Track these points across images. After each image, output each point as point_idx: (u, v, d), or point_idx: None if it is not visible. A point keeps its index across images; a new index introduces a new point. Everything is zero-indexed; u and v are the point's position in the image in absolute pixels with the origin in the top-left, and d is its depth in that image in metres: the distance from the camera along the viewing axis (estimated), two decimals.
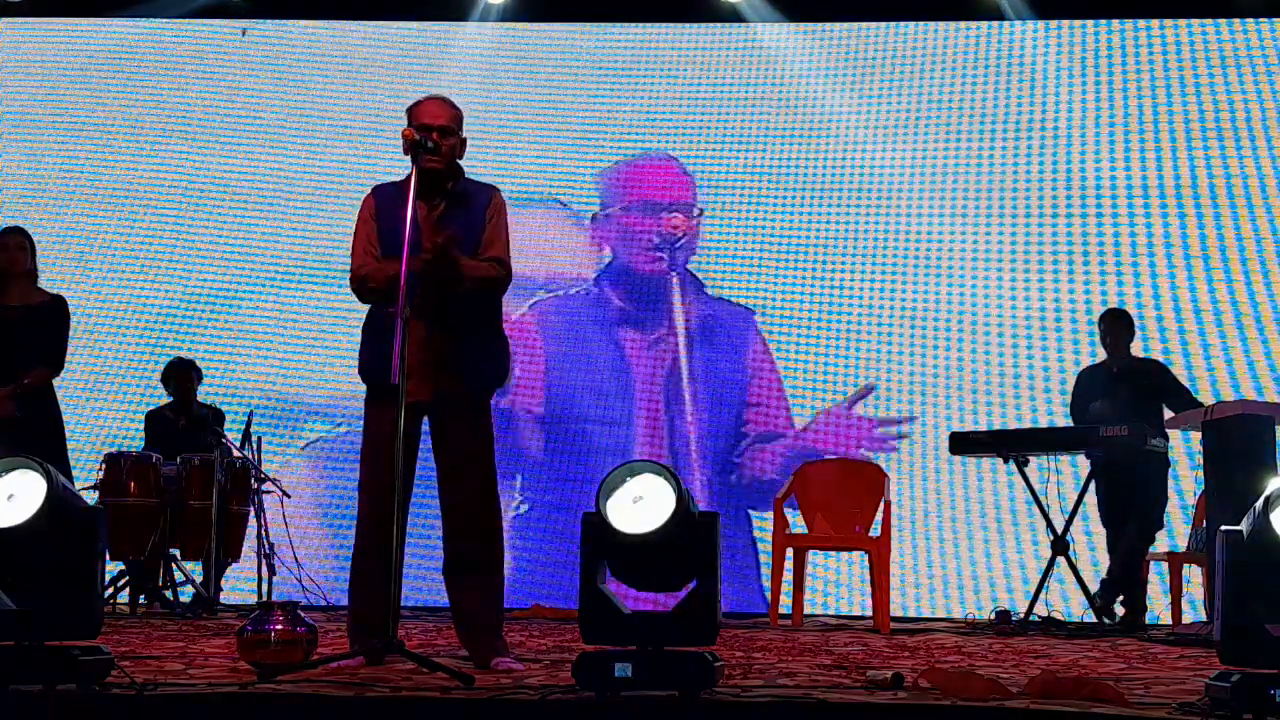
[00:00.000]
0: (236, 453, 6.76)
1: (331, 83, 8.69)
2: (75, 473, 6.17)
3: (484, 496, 3.89)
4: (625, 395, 8.02)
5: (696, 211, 8.32)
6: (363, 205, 3.98)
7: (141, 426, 7.32)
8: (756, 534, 7.75)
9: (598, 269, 8.31)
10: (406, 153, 3.77)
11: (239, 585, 7.17)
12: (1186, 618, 6.45)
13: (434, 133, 3.82)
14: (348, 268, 3.97)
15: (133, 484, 6.60)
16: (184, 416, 7.17)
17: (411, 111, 3.91)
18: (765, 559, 7.51)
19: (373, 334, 3.88)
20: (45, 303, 5.89)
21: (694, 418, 7.96)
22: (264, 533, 6.79)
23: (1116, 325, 6.76)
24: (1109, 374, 6.74)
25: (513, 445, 7.82)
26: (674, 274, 8.23)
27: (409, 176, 3.83)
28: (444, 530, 3.90)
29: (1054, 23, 8.39)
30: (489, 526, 3.89)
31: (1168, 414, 6.48)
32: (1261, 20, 8.17)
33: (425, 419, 3.88)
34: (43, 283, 5.97)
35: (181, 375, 7.24)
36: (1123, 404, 6.48)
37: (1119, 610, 6.47)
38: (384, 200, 3.92)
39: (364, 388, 3.94)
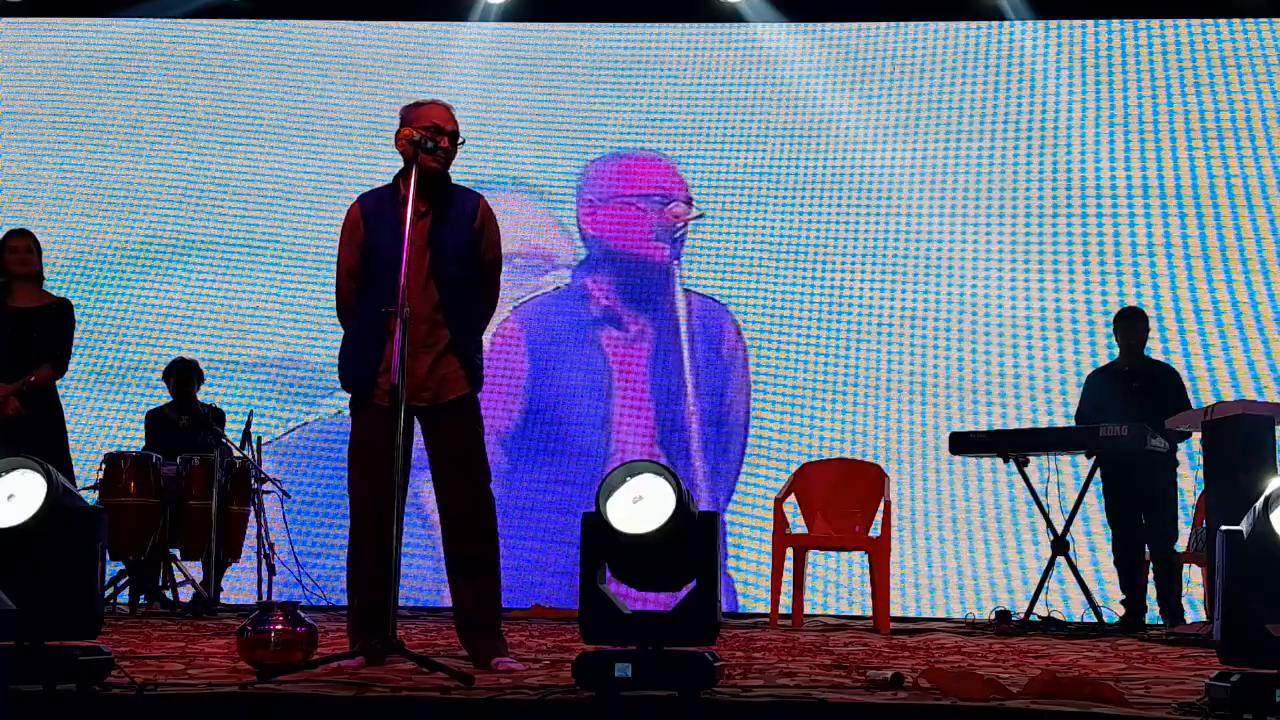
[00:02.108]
0: (236, 453, 6.76)
1: (331, 83, 8.68)
2: (75, 473, 6.17)
3: (479, 498, 3.88)
4: (612, 394, 8.00)
5: (695, 212, 8.32)
6: (345, 219, 3.94)
7: (142, 426, 7.32)
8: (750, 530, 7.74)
9: (576, 261, 8.30)
10: (400, 149, 3.78)
11: (239, 585, 7.17)
12: (1186, 618, 6.45)
13: (443, 137, 3.82)
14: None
15: (133, 484, 6.61)
16: (184, 416, 7.17)
17: (415, 113, 3.89)
18: (760, 556, 7.51)
19: (354, 343, 3.88)
20: (52, 305, 5.93)
21: (695, 410, 7.95)
22: (264, 533, 6.79)
23: (1131, 325, 6.74)
24: (1121, 374, 6.71)
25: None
26: (676, 264, 8.23)
27: (396, 180, 3.86)
28: (442, 532, 3.91)
29: (1054, 23, 8.38)
30: (485, 527, 3.89)
31: None
32: (1261, 20, 8.17)
33: (416, 421, 3.87)
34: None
35: (182, 375, 7.24)
36: (1124, 405, 6.46)
37: (1120, 609, 6.47)
38: (370, 208, 3.90)
39: None
